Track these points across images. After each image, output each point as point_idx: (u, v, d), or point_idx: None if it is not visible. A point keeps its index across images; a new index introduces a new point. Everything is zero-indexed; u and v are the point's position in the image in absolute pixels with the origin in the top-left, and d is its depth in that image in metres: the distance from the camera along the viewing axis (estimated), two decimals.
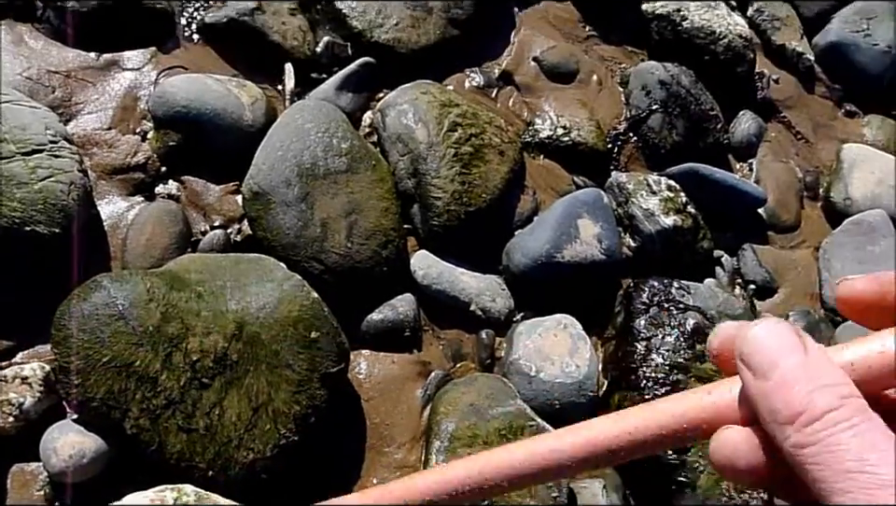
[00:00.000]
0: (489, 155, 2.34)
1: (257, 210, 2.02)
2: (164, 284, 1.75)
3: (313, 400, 1.78)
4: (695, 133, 2.70)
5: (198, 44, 2.40)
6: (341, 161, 2.11)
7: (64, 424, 1.68)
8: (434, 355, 2.11)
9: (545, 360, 2.06)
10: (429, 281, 2.15)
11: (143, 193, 2.07)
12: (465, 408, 1.90)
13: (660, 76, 2.72)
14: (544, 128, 2.60)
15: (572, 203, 2.30)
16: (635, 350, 2.06)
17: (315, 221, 2.02)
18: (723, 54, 2.88)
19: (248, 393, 1.73)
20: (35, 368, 1.72)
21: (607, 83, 2.82)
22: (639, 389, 1.99)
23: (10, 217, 1.75)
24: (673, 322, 2.08)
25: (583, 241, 2.23)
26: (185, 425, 1.67)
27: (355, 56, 2.49)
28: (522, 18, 2.91)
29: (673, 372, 1.99)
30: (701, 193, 2.51)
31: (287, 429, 1.74)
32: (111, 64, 2.23)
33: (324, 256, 2.00)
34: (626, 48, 3.00)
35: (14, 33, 2.16)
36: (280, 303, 1.82)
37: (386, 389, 2.01)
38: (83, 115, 2.12)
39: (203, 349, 1.71)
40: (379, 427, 1.96)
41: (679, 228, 2.35)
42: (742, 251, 2.59)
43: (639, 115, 2.70)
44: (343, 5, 2.54)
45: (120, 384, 1.64)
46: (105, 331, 1.66)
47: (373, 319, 2.06)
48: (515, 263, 2.22)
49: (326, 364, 1.82)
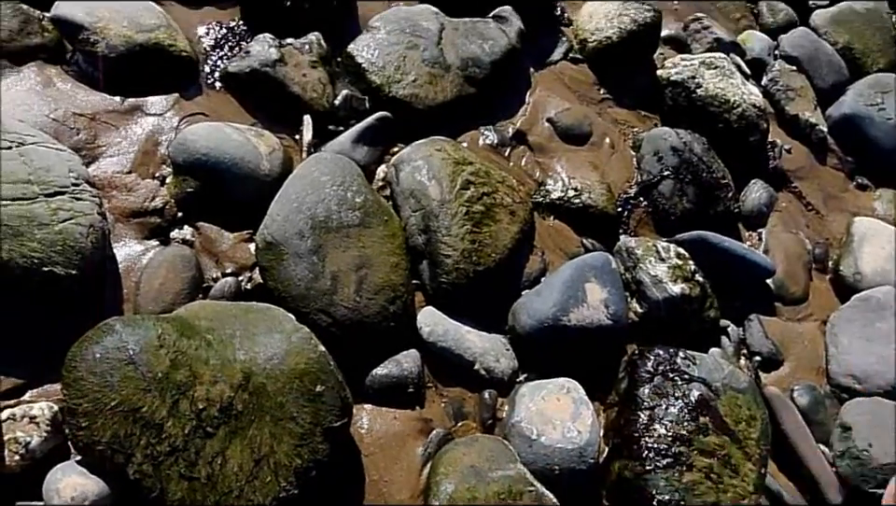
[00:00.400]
0: (500, 214, 2.37)
1: (269, 260, 2.05)
2: (175, 330, 1.77)
3: (314, 453, 1.79)
4: (706, 201, 2.73)
5: (219, 92, 2.46)
6: (354, 215, 2.15)
7: (68, 465, 1.69)
8: (436, 412, 2.12)
9: (547, 424, 2.06)
10: (435, 338, 2.16)
11: (158, 237, 2.11)
12: (465, 469, 1.90)
13: (672, 142, 2.77)
14: (555, 189, 2.64)
15: (580, 267, 2.32)
16: (637, 419, 2.06)
17: (326, 274, 2.04)
18: (737, 123, 2.93)
19: (251, 444, 1.74)
20: (43, 407, 1.73)
21: (619, 146, 2.86)
22: (641, 460, 1.98)
23: (29, 256, 1.78)
24: (677, 392, 2.08)
25: (590, 305, 2.25)
26: (187, 473, 1.67)
27: (372, 110, 2.55)
28: (538, 78, 2.97)
29: (676, 443, 1.99)
30: (709, 261, 2.53)
31: (288, 483, 1.74)
32: (135, 109, 2.29)
33: (333, 309, 2.02)
34: (640, 112, 3.05)
35: (44, 75, 2.23)
36: (288, 355, 1.83)
37: (387, 445, 2.01)
38: (105, 157, 2.17)
39: (209, 398, 1.72)
40: (378, 483, 1.96)
41: (686, 296, 2.36)
42: (748, 322, 2.60)
43: (650, 180, 2.74)
44: (362, 59, 2.61)
45: (126, 428, 1.65)
46: (115, 376, 1.67)
47: (378, 374, 2.07)
48: (521, 324, 2.23)
49: (329, 418, 1.82)
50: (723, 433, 2.04)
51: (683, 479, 1.95)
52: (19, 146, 1.91)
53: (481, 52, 2.75)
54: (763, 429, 2.12)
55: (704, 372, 2.15)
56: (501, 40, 2.81)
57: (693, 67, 2.97)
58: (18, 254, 1.76)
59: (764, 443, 2.10)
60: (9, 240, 1.76)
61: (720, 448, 2.02)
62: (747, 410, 2.12)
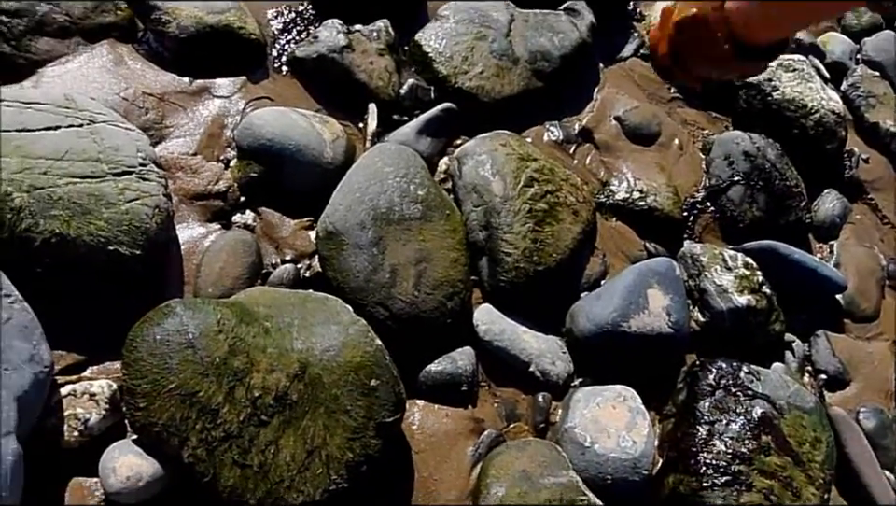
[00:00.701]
0: (563, 214, 2.32)
1: (329, 249, 2.03)
2: (234, 316, 1.77)
3: (366, 448, 1.78)
4: (777, 210, 2.64)
5: (286, 76, 2.45)
6: (416, 208, 2.12)
7: (124, 444, 1.71)
8: (488, 412, 2.08)
9: (601, 432, 2.01)
10: (491, 337, 2.13)
11: (220, 221, 2.11)
12: (516, 474, 1.87)
13: (745, 146, 2.67)
14: (620, 190, 2.57)
15: (644, 272, 2.26)
16: (696, 433, 2.00)
17: (385, 267, 2.02)
18: (813, 129, 2.82)
19: (304, 435, 1.73)
20: (103, 385, 1.75)
21: (688, 148, 2.78)
22: (698, 475, 1.92)
23: (96, 235, 1.79)
24: (739, 408, 2.01)
25: (652, 312, 2.19)
26: (240, 460, 1.67)
27: (437, 101, 2.51)
28: (606, 74, 2.89)
29: (735, 461, 1.92)
30: (778, 273, 2.45)
31: (339, 476, 1.74)
32: (203, 91, 2.29)
33: (390, 302, 2.00)
34: (711, 113, 2.95)
35: (115, 53, 2.24)
36: (344, 348, 1.82)
37: (438, 443, 1.99)
38: (172, 138, 2.18)
39: (265, 386, 1.72)
40: (427, 481, 1.94)
41: (752, 308, 2.28)
42: (815, 337, 2.51)
43: (719, 185, 2.65)
44: (430, 48, 2.57)
45: (183, 412, 1.66)
46: (174, 358, 1.68)
47: (432, 370, 2.04)
48: (579, 328, 2.18)
49: (382, 413, 1.81)
50: (786, 454, 1.97)
51: (741, 499, 1.88)
52: (90, 123, 1.92)
53: (550, 46, 2.68)
54: (828, 453, 2.03)
55: (768, 388, 2.08)
56: (572, 34, 2.74)
57: (771, 69, 2.86)
58: (85, 232, 1.78)
59: (829, 468, 2.02)
60: (77, 218, 1.78)
61: (781, 469, 1.94)
62: (812, 431, 2.04)
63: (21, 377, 1.56)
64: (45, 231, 1.74)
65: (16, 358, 1.58)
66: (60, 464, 1.68)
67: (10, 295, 1.64)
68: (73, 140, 1.86)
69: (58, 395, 1.71)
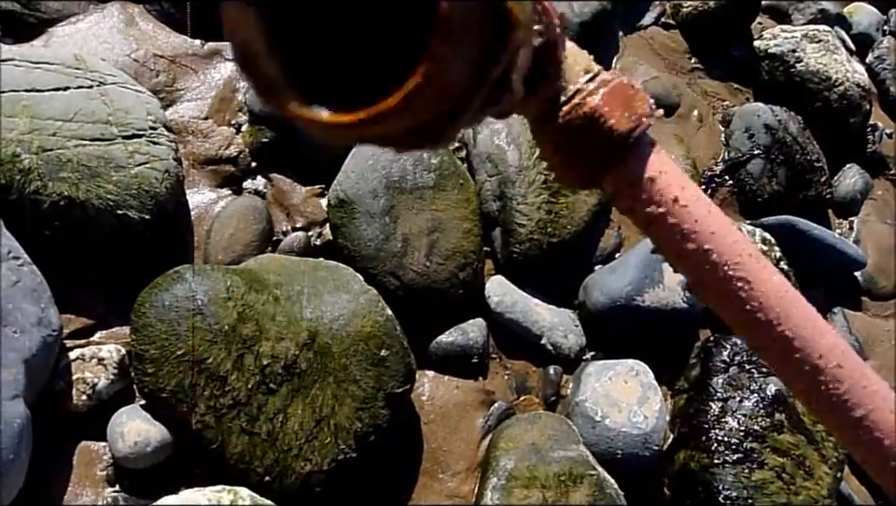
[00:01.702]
0: None
1: (340, 217, 2.01)
2: (244, 283, 1.76)
3: (375, 418, 1.77)
4: (797, 184, 2.58)
5: None
6: (429, 177, 2.09)
7: (132, 409, 1.71)
8: (499, 385, 2.07)
9: (612, 406, 1.99)
10: (503, 309, 2.10)
11: (231, 186, 2.09)
12: (526, 447, 1.86)
13: (766, 119, 2.61)
14: None
15: None
16: (709, 409, 1.97)
17: (397, 236, 1.99)
18: (837, 102, 2.75)
19: (313, 404, 1.72)
20: (111, 350, 1.74)
21: (708, 120, 2.72)
22: (709, 452, 1.90)
23: (105, 198, 1.77)
24: (753, 385, 1.98)
25: (667, 287, 2.15)
26: (248, 428, 1.67)
27: None
28: (626, 43, 2.83)
29: (747, 439, 1.90)
30: (796, 248, 2.40)
31: (347, 446, 1.73)
32: (214, 54, 2.25)
33: (402, 272, 1.98)
34: (732, 84, 2.89)
35: (126, 13, 2.20)
36: (354, 317, 1.80)
37: (447, 414, 1.98)
38: (183, 102, 2.15)
39: (274, 354, 1.71)
40: (436, 452, 1.93)
41: None
42: (832, 315, 2.47)
43: (739, 158, 2.59)
44: None
45: (191, 378, 1.65)
46: (183, 325, 1.67)
47: (443, 341, 2.03)
48: (593, 301, 2.15)
49: (392, 384, 1.79)
50: (799, 432, 1.94)
51: (753, 477, 1.86)
52: (100, 85, 1.89)
53: (569, 12, 2.62)
54: None
55: None
56: (591, 1, 2.67)
57: (795, 40, 2.79)
58: (94, 195, 1.76)
59: (842, 447, 1.99)
60: (87, 181, 1.76)
61: (794, 448, 1.92)
62: None
63: (28, 340, 1.56)
64: (53, 193, 1.72)
65: (24, 321, 1.57)
66: (68, 428, 1.68)
67: (19, 257, 1.63)
68: (83, 101, 1.84)
69: (66, 359, 1.71)
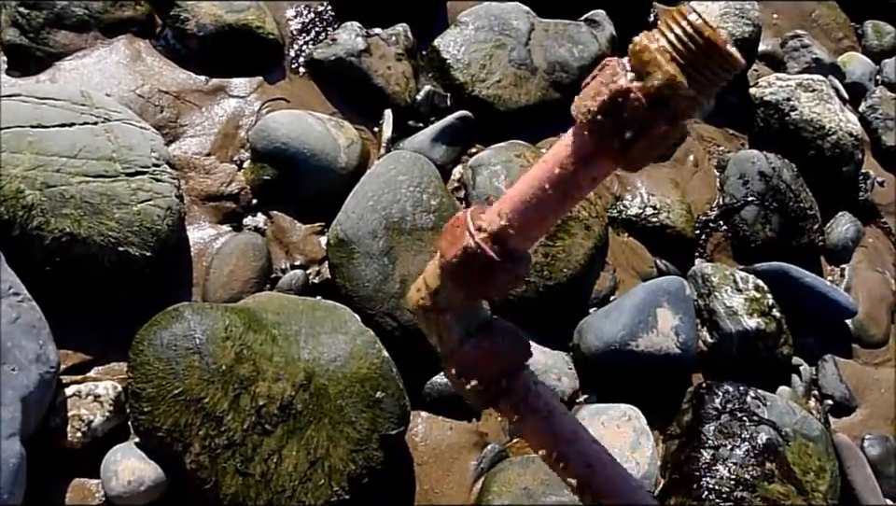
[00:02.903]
0: (575, 228, 2.30)
1: (340, 257, 2.02)
2: (242, 322, 1.77)
3: (369, 460, 1.77)
4: (790, 231, 2.62)
5: (302, 77, 2.43)
6: (428, 218, 2.11)
7: (127, 447, 1.70)
8: (492, 426, 2.08)
9: None
10: None
11: (231, 223, 2.10)
12: (518, 492, 1.86)
13: (761, 166, 2.65)
14: (633, 205, 2.56)
15: (654, 291, 2.24)
16: (700, 456, 1.99)
17: (395, 277, 2.01)
18: (830, 151, 2.79)
19: (308, 445, 1.72)
20: (107, 386, 1.75)
21: (703, 165, 2.76)
22: (699, 500, 1.91)
23: (107, 235, 1.79)
24: (744, 434, 2.00)
25: (661, 332, 2.18)
26: (242, 468, 1.67)
27: (453, 108, 2.50)
28: None
29: (738, 487, 1.91)
30: (788, 295, 2.43)
31: (340, 488, 1.73)
32: (218, 90, 2.28)
33: (399, 313, 1.99)
34: (727, 130, 2.93)
35: (133, 48, 2.23)
36: (351, 358, 1.81)
37: (440, 456, 1.98)
38: (186, 137, 2.17)
39: (270, 395, 1.72)
40: (428, 494, 1.94)
41: (761, 331, 2.27)
42: (823, 362, 2.49)
43: (733, 204, 2.63)
44: (448, 55, 2.55)
45: (187, 418, 1.65)
46: (181, 364, 1.67)
47: (436, 383, 2.04)
48: (587, 345, 2.17)
49: (387, 425, 1.80)
50: (790, 482, 1.96)
51: None
52: (105, 121, 1.92)
53: (570, 57, 2.66)
54: (832, 483, 2.02)
55: (774, 414, 2.06)
56: (592, 45, 2.72)
57: (790, 89, 2.84)
58: (96, 232, 1.77)
59: (832, 498, 2.01)
60: (89, 217, 1.77)
61: (784, 498, 1.93)
62: (817, 460, 2.03)
63: (26, 377, 1.56)
64: (56, 229, 1.74)
65: (22, 358, 1.58)
66: (62, 464, 1.68)
67: (19, 293, 1.64)
68: (88, 138, 1.86)
69: (62, 395, 1.71)
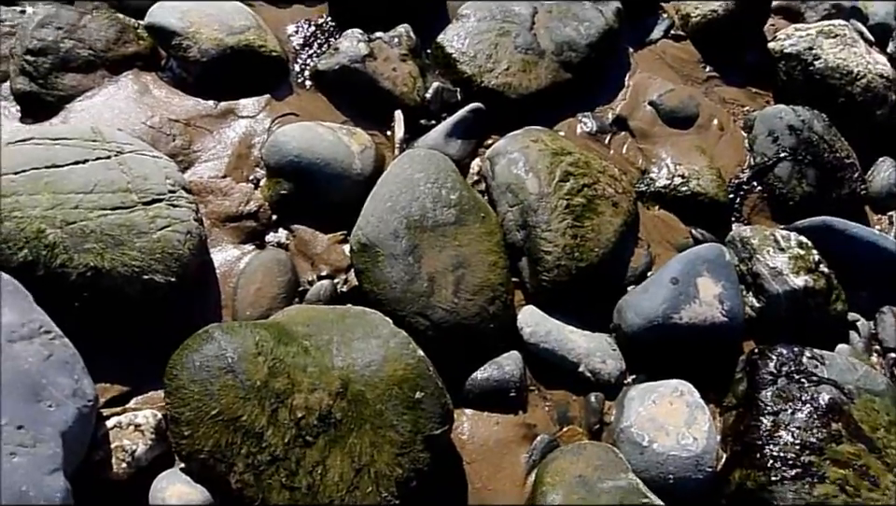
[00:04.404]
0: (602, 206, 2.24)
1: (364, 262, 2.00)
2: (272, 337, 1.75)
3: (415, 463, 1.73)
4: (828, 183, 2.51)
5: (310, 90, 2.43)
6: (449, 213, 2.07)
7: (172, 473, 1.69)
8: (539, 417, 2.02)
9: (659, 430, 1.93)
10: (537, 339, 2.06)
11: (254, 241, 2.10)
12: (572, 480, 1.80)
13: (789, 120, 2.55)
14: (660, 177, 2.48)
15: (692, 260, 2.16)
16: (760, 424, 1.90)
17: (423, 275, 1.97)
18: (861, 96, 2.68)
19: (351, 453, 1.69)
20: (147, 415, 1.74)
21: (729, 128, 2.67)
22: (765, 469, 1.82)
23: (130, 265, 1.79)
24: (805, 396, 1.91)
25: (703, 301, 2.10)
26: (288, 483, 1.64)
27: (464, 102, 2.46)
28: (637, 59, 2.81)
29: (804, 452, 1.82)
30: (834, 250, 2.33)
31: (389, 493, 1.69)
32: (228, 112, 2.28)
33: (430, 311, 1.95)
34: (750, 89, 2.84)
35: (140, 82, 2.25)
36: (386, 362, 1.78)
37: (490, 452, 1.93)
38: (200, 162, 2.18)
39: (308, 406, 1.69)
40: (481, 491, 1.88)
41: (810, 289, 2.17)
42: (881, 314, 2.38)
43: (765, 163, 2.53)
44: (452, 49, 2.52)
45: (227, 437, 1.64)
46: (215, 384, 1.66)
47: (478, 378, 1.99)
48: (628, 323, 2.10)
49: (430, 426, 1.76)
50: (859, 441, 1.86)
51: (814, 491, 1.78)
52: (118, 154, 1.93)
53: (576, 35, 2.61)
54: None
55: (834, 372, 1.97)
56: (598, 21, 2.67)
57: (811, 37, 2.74)
58: (119, 263, 1.78)
59: None
60: (111, 250, 1.78)
61: (855, 458, 1.83)
62: (885, 415, 1.92)
63: (64, 413, 1.56)
64: (80, 265, 1.74)
65: (59, 394, 1.58)
66: (110, 497, 1.67)
67: (50, 331, 1.64)
68: (102, 172, 1.87)
69: (104, 428, 1.70)
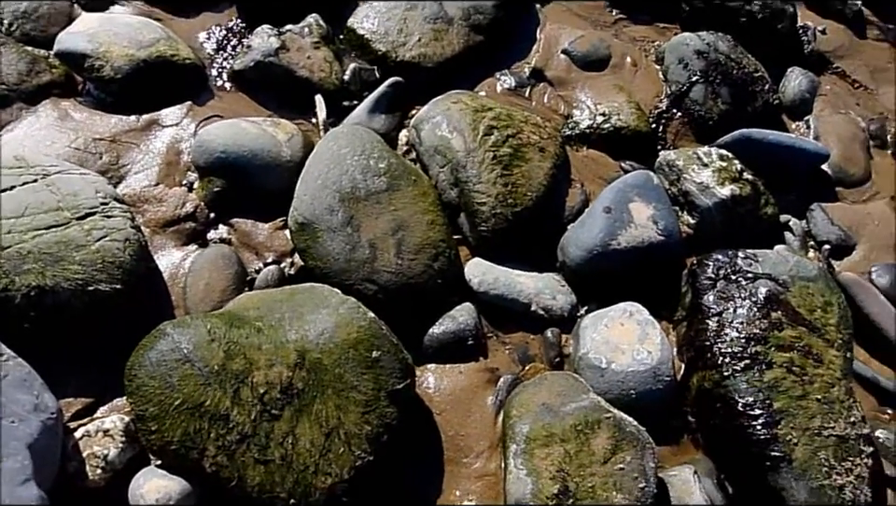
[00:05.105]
0: (529, 153, 2.31)
1: (304, 240, 2.04)
2: (224, 323, 1.78)
3: (383, 418, 1.78)
4: (742, 99, 2.61)
5: (231, 91, 2.46)
6: (380, 182, 2.12)
7: (149, 470, 1.72)
8: (501, 360, 2.08)
9: (615, 351, 2.00)
10: (486, 288, 2.12)
11: (196, 241, 2.13)
12: (537, 408, 1.86)
13: (695, 46, 2.65)
14: (583, 118, 2.56)
15: (621, 189, 2.24)
16: (707, 327, 1.98)
17: (363, 243, 2.02)
18: (760, 13, 2.79)
19: (318, 419, 1.73)
20: (114, 420, 1.77)
21: (641, 63, 2.76)
22: (717, 367, 1.90)
23: (73, 279, 1.81)
24: (743, 293, 1.99)
25: (638, 224, 2.17)
26: (261, 457, 1.68)
27: (383, 78, 2.51)
28: (546, 13, 2.88)
29: (750, 344, 1.90)
30: (758, 158, 2.42)
31: (362, 450, 1.74)
32: (151, 124, 2.31)
33: (376, 276, 2.00)
34: (658, 25, 2.93)
35: (59, 109, 2.27)
36: (338, 327, 1.82)
37: (457, 400, 1.99)
38: (131, 175, 2.20)
39: (268, 381, 1.73)
40: (454, 438, 1.94)
41: (737, 197, 2.26)
42: (811, 212, 2.47)
43: (680, 89, 2.63)
44: (363, 30, 2.58)
45: (195, 424, 1.67)
46: (174, 376, 1.69)
47: (435, 333, 2.04)
48: (571, 257, 2.17)
49: (391, 382, 1.81)
50: (799, 324, 1.94)
51: (765, 378, 1.86)
52: (44, 177, 1.95)
53: None
54: (841, 314, 2.01)
55: (768, 267, 2.05)
56: None
57: None
58: (62, 278, 1.80)
59: (845, 327, 1.99)
60: (51, 267, 1.80)
61: (798, 340, 1.92)
62: (820, 296, 2.01)
63: (28, 426, 1.58)
64: (22, 286, 1.76)
65: (20, 410, 1.60)
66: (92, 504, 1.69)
67: (2, 354, 1.67)
68: (30, 195, 1.89)
69: (73, 439, 1.73)
